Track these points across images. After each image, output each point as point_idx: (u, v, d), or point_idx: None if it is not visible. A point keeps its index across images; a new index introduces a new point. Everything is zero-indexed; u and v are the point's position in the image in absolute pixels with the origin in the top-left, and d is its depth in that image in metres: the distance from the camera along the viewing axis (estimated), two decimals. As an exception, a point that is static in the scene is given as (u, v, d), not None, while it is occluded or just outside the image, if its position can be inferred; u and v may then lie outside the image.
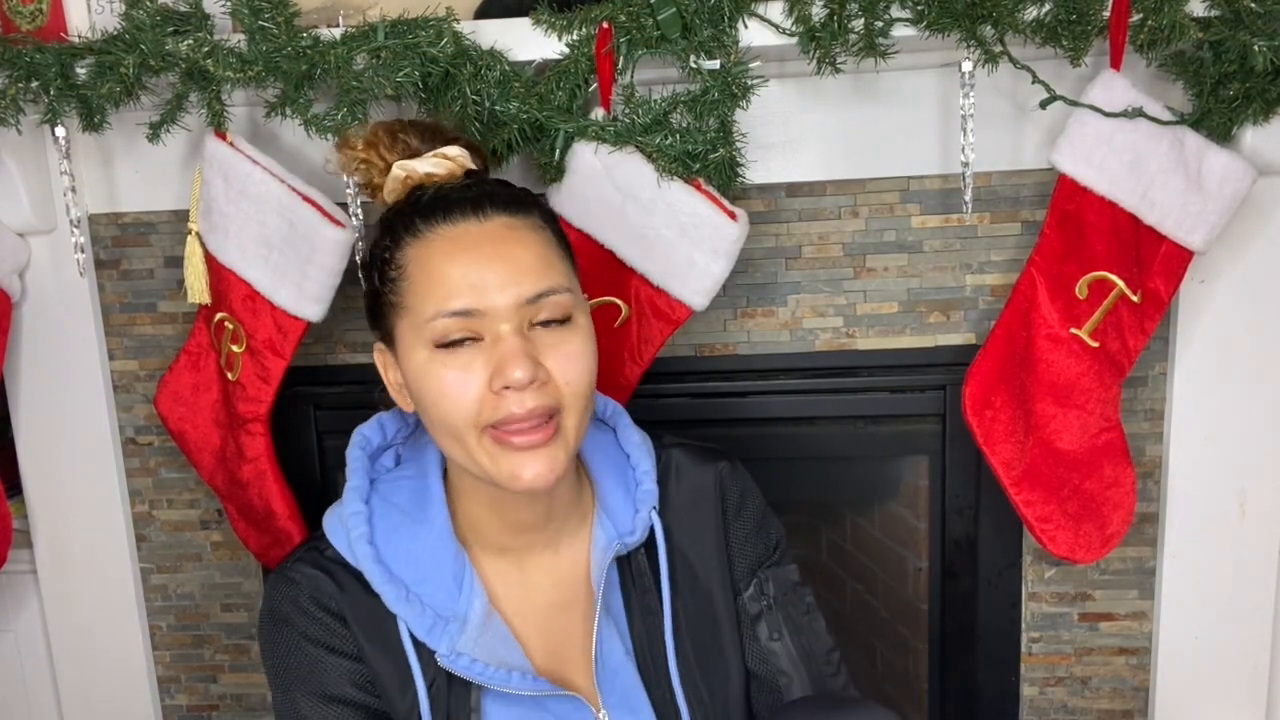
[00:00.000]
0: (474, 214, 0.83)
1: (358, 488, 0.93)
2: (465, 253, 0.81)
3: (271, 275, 1.31)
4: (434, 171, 0.89)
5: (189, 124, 1.28)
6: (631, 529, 0.94)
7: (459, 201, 0.84)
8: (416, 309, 0.82)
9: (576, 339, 0.84)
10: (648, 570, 0.96)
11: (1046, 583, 1.47)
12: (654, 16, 1.16)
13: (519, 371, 0.79)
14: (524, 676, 0.87)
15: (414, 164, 0.89)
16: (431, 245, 0.82)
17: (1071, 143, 1.21)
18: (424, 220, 0.83)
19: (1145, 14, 1.12)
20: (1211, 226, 1.20)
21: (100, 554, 1.57)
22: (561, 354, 0.83)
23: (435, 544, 0.90)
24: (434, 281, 0.81)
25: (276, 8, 1.20)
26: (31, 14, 1.34)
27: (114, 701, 1.62)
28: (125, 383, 1.54)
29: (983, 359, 1.33)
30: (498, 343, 0.80)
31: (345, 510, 0.91)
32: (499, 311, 0.80)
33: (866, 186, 1.37)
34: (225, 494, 1.46)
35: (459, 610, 0.88)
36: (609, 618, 0.94)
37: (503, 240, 0.82)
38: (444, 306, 0.80)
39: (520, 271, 0.81)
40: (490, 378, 0.80)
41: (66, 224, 1.39)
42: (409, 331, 0.84)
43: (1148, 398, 1.40)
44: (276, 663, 0.90)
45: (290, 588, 0.90)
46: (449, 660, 0.86)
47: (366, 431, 0.99)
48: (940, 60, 1.28)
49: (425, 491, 0.93)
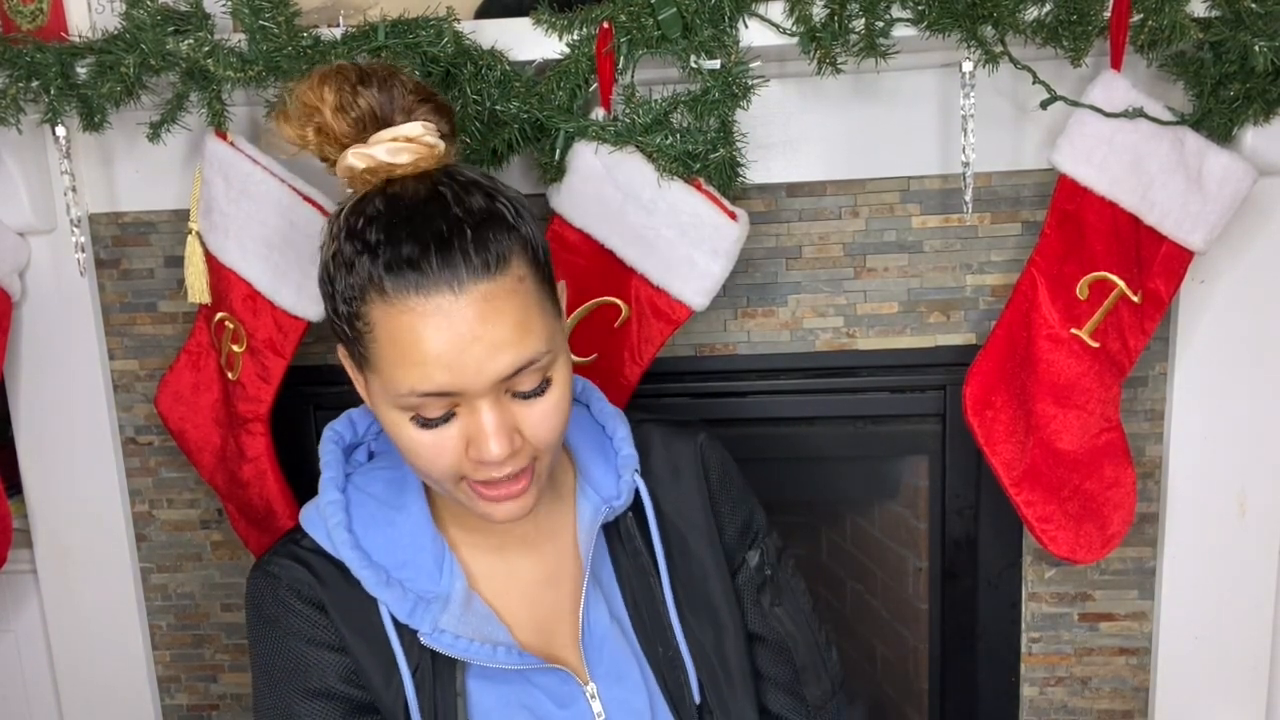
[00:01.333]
0: (449, 288, 0.74)
1: (333, 479, 0.92)
2: (439, 333, 0.75)
3: (272, 275, 1.31)
4: (395, 162, 0.79)
5: (189, 124, 1.28)
6: (617, 493, 0.94)
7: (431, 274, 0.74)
8: (387, 378, 0.77)
9: (553, 397, 0.81)
10: (637, 533, 0.96)
11: (1046, 583, 1.47)
12: (654, 16, 1.16)
13: (495, 449, 0.78)
14: (509, 651, 0.87)
15: (372, 152, 0.79)
16: (403, 318, 0.75)
17: (1072, 143, 1.21)
18: (393, 284, 0.75)
19: (1146, 14, 1.12)
20: (1211, 227, 1.20)
21: (100, 554, 1.57)
22: (537, 415, 0.80)
23: (413, 529, 0.90)
24: (406, 359, 0.76)
25: (277, 8, 1.20)
26: (32, 13, 1.34)
27: (114, 701, 1.62)
28: (125, 382, 1.54)
29: (983, 359, 1.33)
30: (473, 413, 0.78)
31: (322, 500, 0.90)
32: (474, 390, 0.77)
33: (867, 186, 1.37)
34: (226, 493, 1.46)
35: (440, 591, 0.88)
36: (597, 587, 0.94)
37: (480, 317, 0.75)
38: (417, 387, 0.76)
39: (498, 348, 0.76)
40: (466, 445, 0.79)
41: (67, 224, 1.39)
42: (377, 387, 0.80)
43: (1148, 398, 1.40)
44: (262, 660, 0.90)
45: (269, 582, 0.90)
46: (432, 638, 0.86)
47: (338, 427, 0.98)
48: (940, 60, 1.28)
49: (402, 481, 0.93)
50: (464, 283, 0.75)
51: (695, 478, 1.00)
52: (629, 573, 0.96)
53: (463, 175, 0.80)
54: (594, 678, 0.92)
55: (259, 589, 0.90)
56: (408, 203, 0.77)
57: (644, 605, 0.95)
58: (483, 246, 0.75)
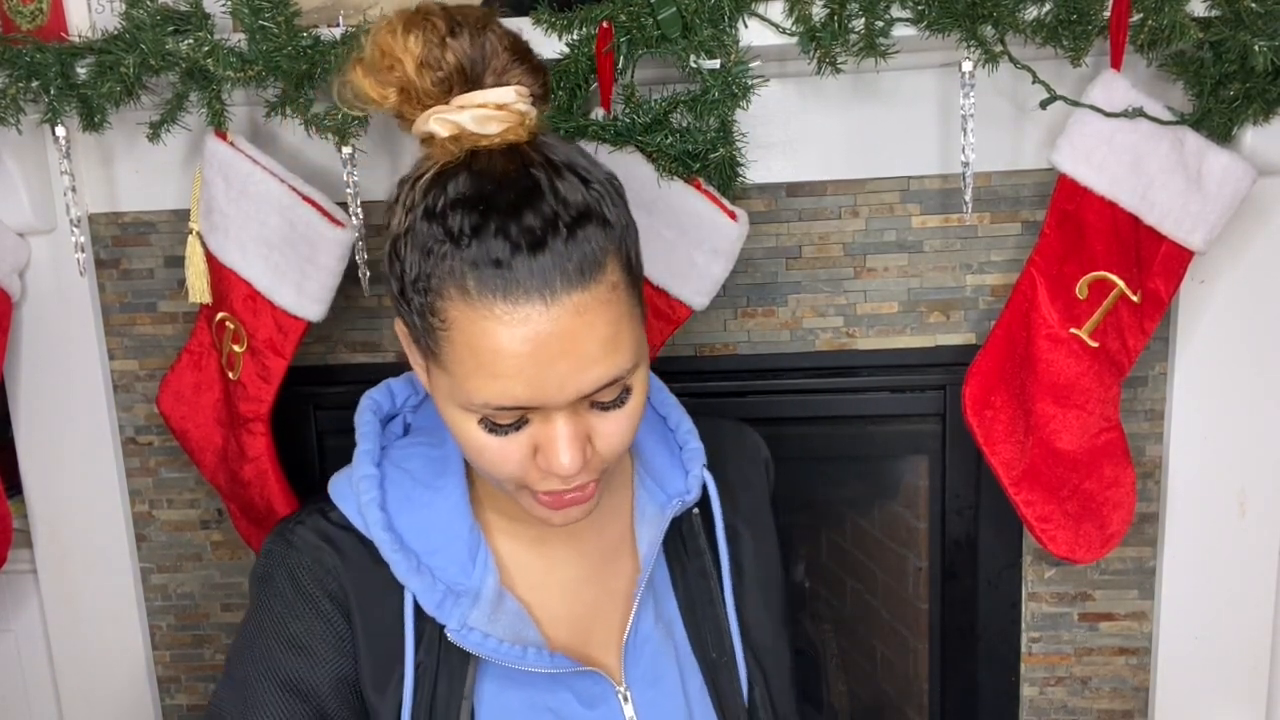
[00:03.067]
0: (540, 297, 0.67)
1: (369, 451, 0.85)
2: (525, 346, 0.67)
3: (272, 275, 1.31)
4: (482, 132, 0.71)
5: (189, 124, 1.28)
6: (686, 489, 0.88)
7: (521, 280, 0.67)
8: (461, 382, 0.71)
9: (630, 407, 0.75)
10: (701, 531, 0.90)
11: (1046, 583, 1.47)
12: (654, 16, 1.16)
13: (568, 462, 0.72)
14: (539, 653, 0.82)
15: (458, 119, 0.71)
16: (485, 324, 0.68)
17: (1071, 143, 1.21)
18: (478, 285, 0.67)
19: (1145, 14, 1.12)
20: (1211, 226, 1.20)
21: (100, 554, 1.57)
22: (611, 426, 0.74)
23: (450, 515, 0.84)
24: (485, 370, 0.69)
25: (276, 7, 1.20)
26: (32, 13, 1.34)
27: (114, 701, 1.62)
28: (125, 382, 1.54)
29: (983, 359, 1.33)
30: (547, 422, 0.72)
31: (356, 474, 0.84)
32: (554, 405, 0.71)
33: (866, 186, 1.37)
34: (227, 493, 1.46)
35: (471, 585, 0.82)
36: (649, 586, 0.88)
37: (569, 333, 0.68)
38: (494, 402, 0.70)
39: (584, 365, 0.69)
40: (536, 452, 0.73)
41: (66, 224, 1.39)
42: (446, 386, 0.73)
43: (1148, 398, 1.40)
44: (250, 623, 0.84)
45: (288, 551, 0.84)
46: (460, 635, 0.80)
47: (376, 396, 0.91)
48: (940, 60, 1.28)
49: (443, 459, 0.86)
50: (556, 293, 0.67)
51: (759, 477, 0.97)
52: (688, 573, 0.90)
53: (556, 153, 0.72)
54: (629, 681, 0.87)
55: (275, 554, 0.84)
56: (497, 187, 0.69)
57: (701, 607, 0.90)
58: (578, 250, 0.68)
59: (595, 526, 0.89)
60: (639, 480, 0.90)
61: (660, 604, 0.90)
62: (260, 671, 0.82)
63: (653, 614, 0.89)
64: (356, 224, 1.30)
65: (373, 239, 1.42)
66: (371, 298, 1.45)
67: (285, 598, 0.83)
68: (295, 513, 0.87)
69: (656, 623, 0.89)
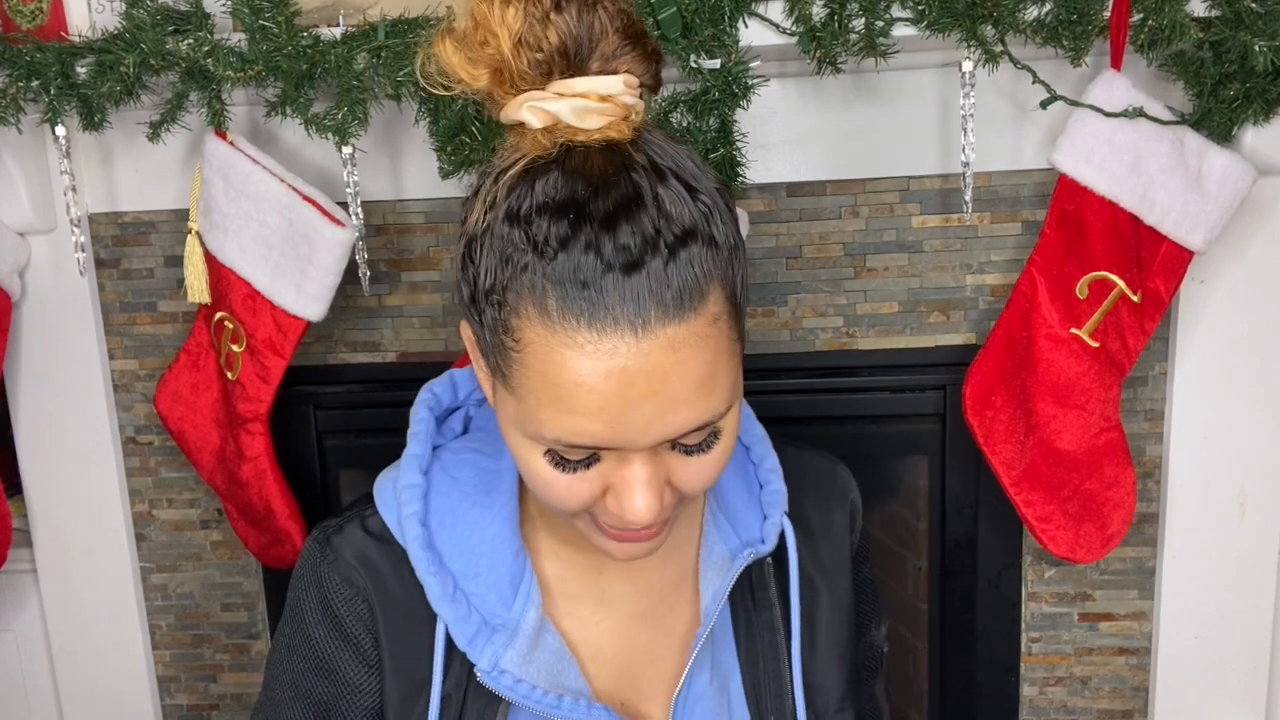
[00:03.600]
0: (630, 328, 0.59)
1: (418, 456, 0.78)
2: (608, 383, 0.59)
3: (271, 275, 1.31)
4: (581, 125, 0.62)
5: (189, 123, 1.28)
6: (761, 537, 0.79)
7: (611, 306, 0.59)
8: (532, 411, 0.63)
9: (717, 451, 0.66)
10: (773, 582, 0.81)
11: (1046, 583, 1.47)
12: (654, 16, 1.16)
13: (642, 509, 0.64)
14: (576, 702, 0.74)
15: (554, 109, 0.61)
16: (565, 353, 0.59)
17: (1072, 143, 1.21)
18: (561, 306, 0.59)
19: (1146, 14, 1.12)
20: (1211, 226, 1.20)
21: (100, 554, 1.57)
22: (694, 469, 0.66)
23: (496, 537, 0.76)
24: (559, 403, 0.61)
25: (277, 7, 1.20)
26: (32, 13, 1.34)
27: (114, 701, 1.62)
28: (125, 382, 1.54)
29: (983, 359, 1.33)
30: (623, 464, 0.64)
31: (401, 480, 0.77)
32: (634, 448, 0.62)
33: (866, 186, 1.37)
34: (225, 493, 1.46)
35: (509, 619, 0.75)
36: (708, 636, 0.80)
37: (660, 372, 0.60)
38: (567, 439, 0.62)
39: (673, 409, 0.61)
40: (606, 493, 0.65)
41: (66, 223, 1.39)
42: (513, 408, 0.65)
43: (1148, 398, 1.40)
44: (282, 644, 0.81)
45: (321, 567, 0.78)
46: (490, 678, 0.73)
47: (437, 389, 0.82)
48: (940, 60, 1.28)
49: (496, 474, 0.78)
50: (649, 324, 0.59)
51: (843, 524, 0.87)
52: (753, 626, 0.81)
53: (663, 156, 0.63)
54: None
55: (309, 565, 0.79)
56: (592, 193, 0.60)
57: (764, 664, 0.81)
58: (678, 274, 0.59)
59: (658, 560, 0.80)
60: (710, 515, 0.81)
61: (718, 657, 0.81)
62: (292, 694, 0.80)
63: (709, 669, 0.80)
64: (356, 224, 1.30)
65: (373, 239, 1.42)
66: (371, 297, 1.45)
67: (316, 618, 0.79)
68: (338, 516, 0.81)
69: (713, 679, 0.80)
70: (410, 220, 1.43)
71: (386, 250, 1.44)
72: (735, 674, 0.81)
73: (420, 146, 1.32)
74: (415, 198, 1.42)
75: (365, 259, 1.33)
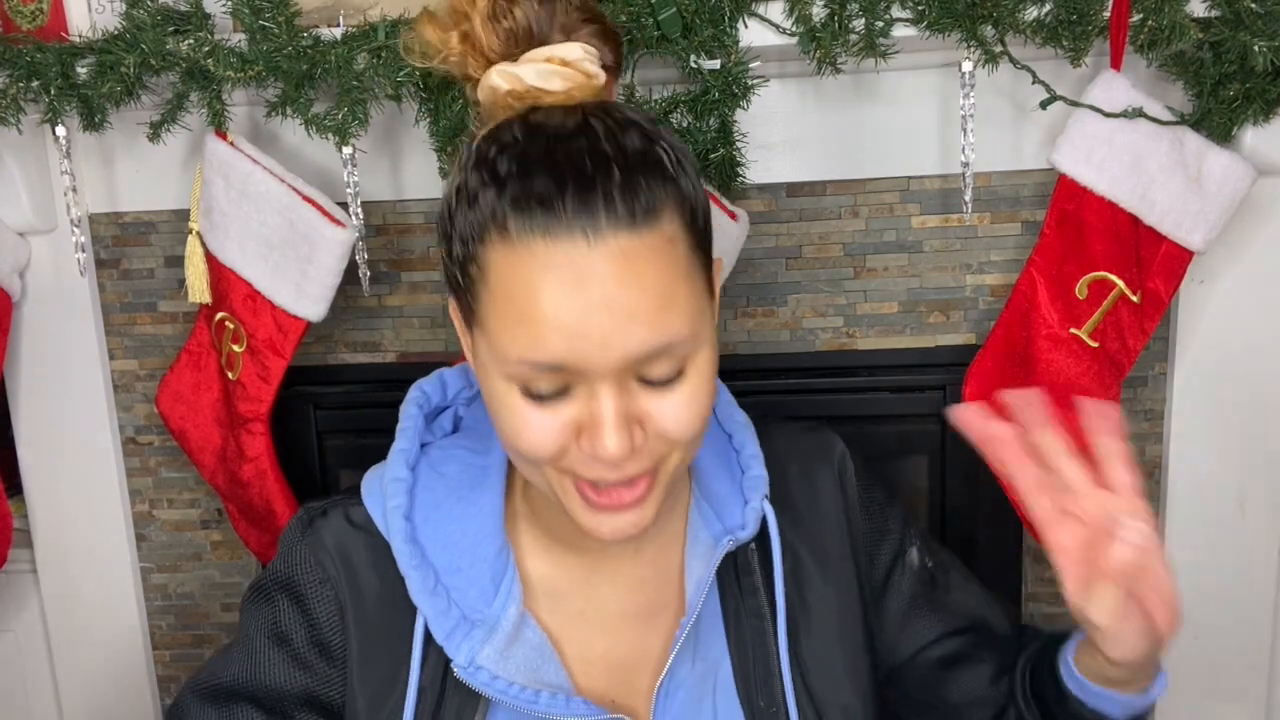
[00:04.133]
0: (583, 235, 0.61)
1: (405, 451, 0.79)
2: (560, 286, 0.62)
3: (272, 275, 1.31)
4: (545, 87, 0.67)
5: (189, 124, 1.28)
6: (742, 523, 0.80)
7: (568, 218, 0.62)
8: (497, 338, 0.65)
9: (687, 389, 0.66)
10: (758, 568, 0.82)
11: (1046, 583, 1.47)
12: (654, 16, 1.16)
13: (613, 445, 0.64)
14: (554, 696, 0.74)
15: (519, 71, 0.67)
16: (522, 265, 0.62)
17: (1071, 143, 1.22)
18: (518, 222, 0.62)
19: (1145, 14, 1.12)
20: (1211, 226, 1.20)
21: (100, 554, 1.57)
22: (667, 408, 0.66)
23: (479, 532, 0.77)
24: (520, 318, 0.63)
25: (277, 7, 1.20)
26: (32, 13, 1.34)
27: (114, 701, 1.62)
28: (125, 382, 1.54)
29: (982, 359, 1.33)
30: (591, 399, 0.64)
31: (388, 474, 0.78)
32: (597, 369, 0.63)
33: (866, 186, 1.37)
34: (226, 493, 1.46)
35: (489, 614, 0.75)
36: (693, 627, 0.80)
37: (615, 277, 0.62)
38: (530, 355, 0.63)
39: (631, 320, 0.62)
40: (579, 433, 0.66)
41: (67, 224, 1.39)
42: (485, 349, 0.67)
43: (1148, 398, 1.40)
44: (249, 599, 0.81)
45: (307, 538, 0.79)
46: (466, 674, 0.73)
47: (426, 387, 0.84)
48: (940, 60, 1.28)
49: (483, 470, 0.79)
50: (601, 231, 0.61)
51: (834, 502, 0.86)
52: (740, 613, 0.81)
53: (620, 112, 0.67)
54: None
55: (293, 537, 0.80)
56: (550, 133, 0.64)
57: (754, 651, 0.81)
58: (630, 192, 0.62)
59: (647, 556, 0.81)
60: (695, 505, 0.82)
61: (702, 646, 0.81)
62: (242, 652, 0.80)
63: (691, 658, 0.80)
64: (356, 224, 1.30)
65: (373, 239, 1.42)
66: (371, 298, 1.45)
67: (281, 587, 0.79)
68: (332, 497, 0.82)
69: (694, 667, 0.80)
70: (410, 220, 1.43)
71: (386, 250, 1.44)
72: (725, 662, 0.81)
73: (420, 146, 1.32)
74: (415, 198, 1.42)
75: (365, 259, 1.33)
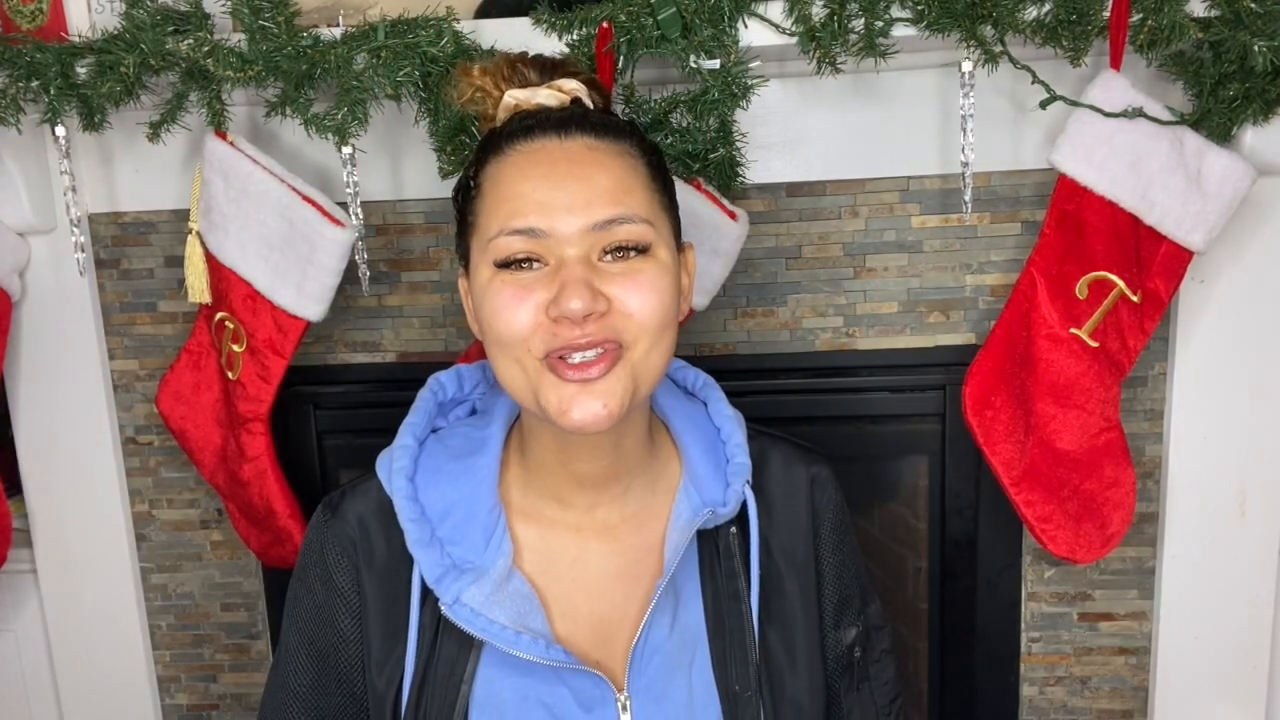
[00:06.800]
0: (555, 132, 0.79)
1: (412, 425, 0.88)
2: (538, 168, 0.77)
3: (271, 275, 1.31)
4: (546, 104, 0.83)
5: (189, 124, 1.28)
6: (723, 500, 0.86)
7: (544, 120, 0.80)
8: (484, 226, 0.79)
9: (649, 269, 0.77)
10: (737, 551, 0.87)
11: (1046, 583, 1.47)
12: (654, 16, 1.16)
13: (575, 302, 0.73)
14: (534, 640, 0.80)
15: (525, 94, 0.84)
16: (507, 161, 0.79)
17: (1071, 143, 1.21)
18: (507, 138, 0.80)
19: (1145, 14, 1.12)
20: (1211, 226, 1.20)
21: (100, 554, 1.57)
22: (629, 283, 0.76)
23: (473, 491, 0.85)
24: (503, 197, 0.77)
25: (276, 7, 1.20)
26: (32, 13, 1.34)
27: (114, 701, 1.62)
28: (125, 382, 1.54)
29: (983, 359, 1.33)
30: (560, 268, 0.75)
31: (397, 445, 0.87)
32: (564, 235, 0.75)
33: (866, 186, 1.37)
34: (226, 493, 1.46)
35: (480, 564, 0.82)
36: (671, 595, 0.86)
37: (580, 161, 0.78)
38: (507, 223, 0.76)
39: (593, 194, 0.76)
40: (548, 304, 0.75)
41: (66, 223, 1.39)
42: (477, 250, 0.80)
43: (1148, 398, 1.40)
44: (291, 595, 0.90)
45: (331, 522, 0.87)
46: (452, 610, 0.80)
47: (443, 378, 0.93)
48: (940, 60, 1.28)
49: (483, 440, 0.87)
50: (571, 133, 0.79)
51: (806, 514, 0.92)
52: (719, 593, 0.87)
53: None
54: (632, 690, 0.84)
55: (319, 523, 0.88)
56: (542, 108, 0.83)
57: (730, 634, 0.86)
58: (599, 121, 0.81)
59: (634, 524, 0.88)
60: (682, 487, 0.88)
61: (681, 617, 0.86)
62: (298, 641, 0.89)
63: (669, 625, 0.86)
64: (356, 224, 1.30)
65: (372, 239, 1.42)
66: (371, 297, 1.45)
67: (315, 572, 0.88)
68: (355, 480, 0.90)
69: (671, 634, 0.85)
70: (410, 220, 1.43)
71: (386, 250, 1.44)
72: (703, 641, 0.86)
73: (420, 146, 1.32)
74: (415, 198, 1.42)
75: (365, 259, 1.33)
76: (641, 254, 0.77)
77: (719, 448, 0.91)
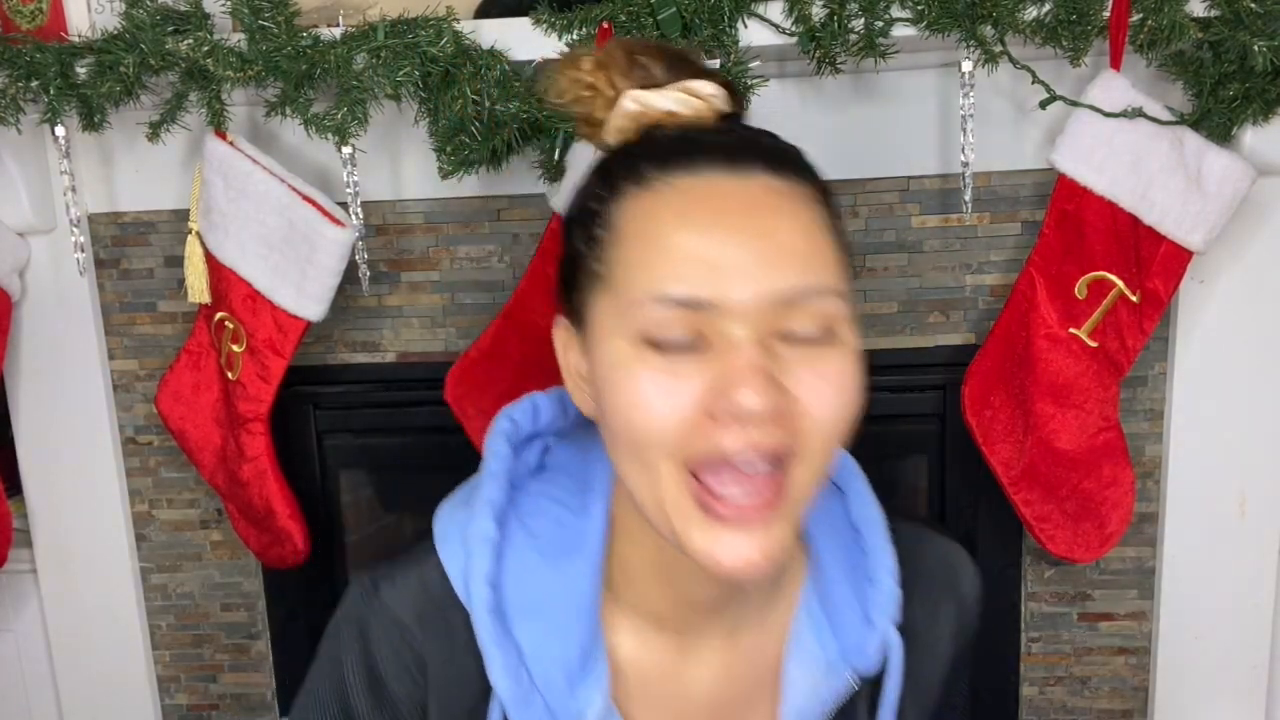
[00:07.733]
0: (727, 165, 0.58)
1: (493, 503, 0.69)
2: (706, 217, 0.57)
3: (271, 275, 1.31)
4: (677, 110, 0.63)
5: (189, 124, 1.28)
6: (861, 648, 0.69)
7: (708, 146, 0.59)
8: (624, 284, 0.58)
9: (838, 359, 0.58)
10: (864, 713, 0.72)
11: (1046, 583, 1.47)
12: (654, 16, 1.16)
13: (753, 396, 0.55)
14: None
15: (651, 97, 0.63)
16: (661, 201, 0.58)
17: (1071, 143, 1.21)
18: (657, 166, 0.59)
19: (1145, 14, 1.12)
20: (1211, 226, 1.20)
21: (100, 554, 1.57)
22: (815, 376, 0.57)
23: (571, 608, 0.67)
24: (655, 250, 0.57)
25: (276, 7, 1.20)
26: (31, 13, 1.34)
27: (114, 701, 1.62)
28: (125, 382, 1.54)
29: (982, 359, 1.33)
30: (727, 352, 0.56)
31: (471, 527, 0.68)
32: (738, 309, 0.56)
33: (866, 186, 1.37)
34: (226, 493, 1.46)
35: (573, 707, 0.67)
36: None
37: (761, 209, 0.57)
38: (662, 289, 0.56)
39: (778, 255, 0.56)
40: (707, 395, 0.56)
41: (66, 223, 1.39)
42: (609, 311, 0.59)
43: (1148, 398, 1.40)
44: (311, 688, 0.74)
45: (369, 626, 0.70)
46: None
47: (515, 415, 0.74)
48: (940, 60, 1.28)
49: (580, 534, 0.68)
50: (750, 166, 0.58)
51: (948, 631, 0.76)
52: None
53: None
54: None
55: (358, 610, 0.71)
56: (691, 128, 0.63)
57: None
58: (777, 151, 0.61)
59: (743, 644, 0.71)
60: (804, 605, 0.71)
61: None
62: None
63: None
64: (356, 224, 1.30)
65: (372, 239, 1.42)
66: (371, 297, 1.45)
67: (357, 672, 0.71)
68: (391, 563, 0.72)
69: None
70: (410, 220, 1.43)
71: (386, 250, 1.44)
72: None
73: (420, 146, 1.32)
74: (415, 198, 1.42)
75: (365, 259, 1.33)
76: (828, 339, 0.58)
77: (859, 559, 0.72)
